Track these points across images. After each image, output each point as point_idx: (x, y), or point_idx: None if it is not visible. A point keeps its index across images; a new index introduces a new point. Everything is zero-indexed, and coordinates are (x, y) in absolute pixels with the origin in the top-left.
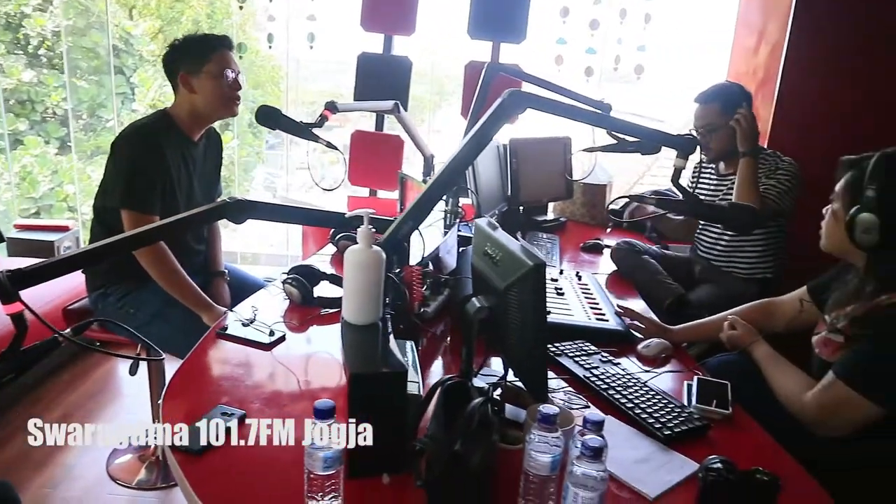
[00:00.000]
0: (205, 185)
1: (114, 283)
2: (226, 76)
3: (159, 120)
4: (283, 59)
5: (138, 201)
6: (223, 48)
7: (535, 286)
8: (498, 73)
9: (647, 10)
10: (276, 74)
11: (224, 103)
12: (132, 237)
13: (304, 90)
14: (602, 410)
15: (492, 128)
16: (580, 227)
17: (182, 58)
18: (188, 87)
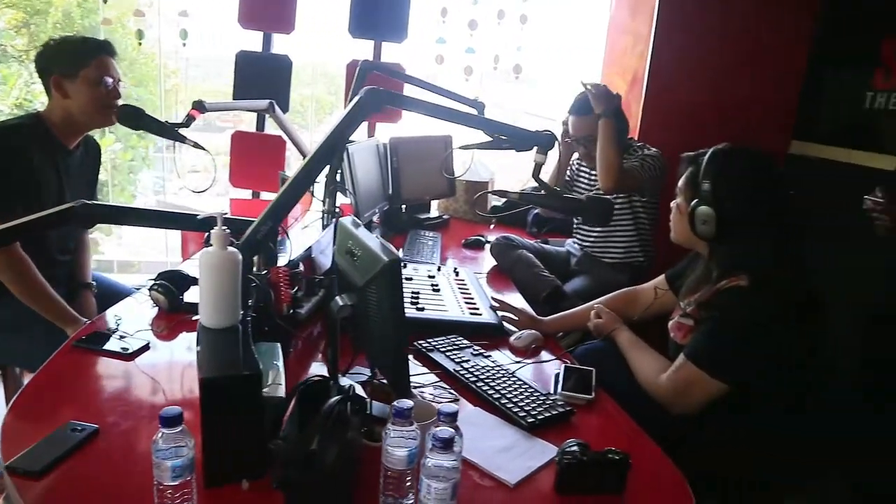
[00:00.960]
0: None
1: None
2: (104, 83)
3: (30, 123)
4: (170, 55)
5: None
6: (103, 53)
7: (391, 282)
8: (372, 70)
9: (524, 10)
10: (162, 71)
11: (100, 111)
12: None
13: (193, 88)
14: (471, 402)
15: (349, 126)
16: (463, 223)
17: (57, 60)
18: (61, 91)
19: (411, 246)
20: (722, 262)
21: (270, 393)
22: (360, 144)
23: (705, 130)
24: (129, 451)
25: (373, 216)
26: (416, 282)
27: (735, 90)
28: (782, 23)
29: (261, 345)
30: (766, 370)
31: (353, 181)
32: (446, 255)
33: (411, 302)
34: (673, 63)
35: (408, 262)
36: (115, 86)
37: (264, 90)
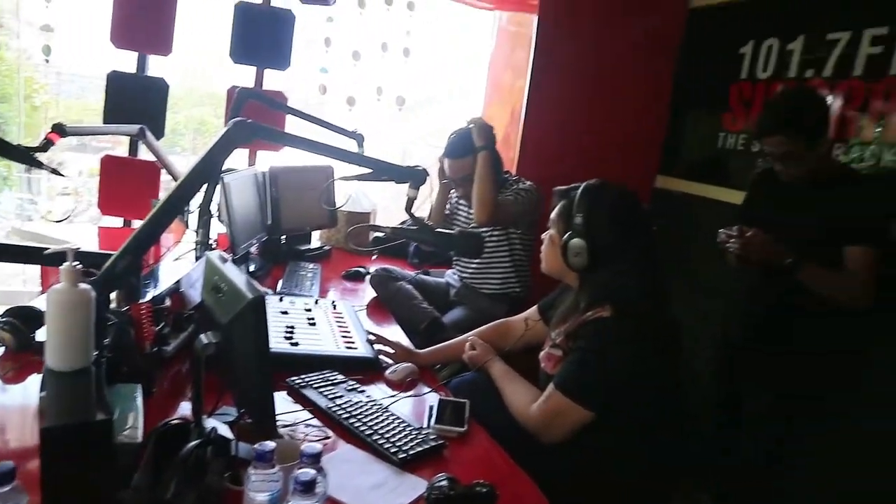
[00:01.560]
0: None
1: None
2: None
3: None
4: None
5: None
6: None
7: (255, 320)
8: (250, 98)
9: (407, 44)
10: (28, 87)
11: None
12: None
13: (68, 105)
14: (344, 439)
15: (217, 158)
16: (345, 254)
17: None
18: None
19: (290, 278)
20: (589, 293)
21: (126, 439)
22: (237, 173)
23: (579, 164)
24: None
25: (250, 247)
26: (291, 315)
27: (607, 127)
28: (649, 66)
29: (119, 387)
30: (630, 397)
31: (230, 211)
32: (326, 286)
33: (285, 337)
34: (550, 100)
35: (284, 295)
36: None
37: (138, 113)
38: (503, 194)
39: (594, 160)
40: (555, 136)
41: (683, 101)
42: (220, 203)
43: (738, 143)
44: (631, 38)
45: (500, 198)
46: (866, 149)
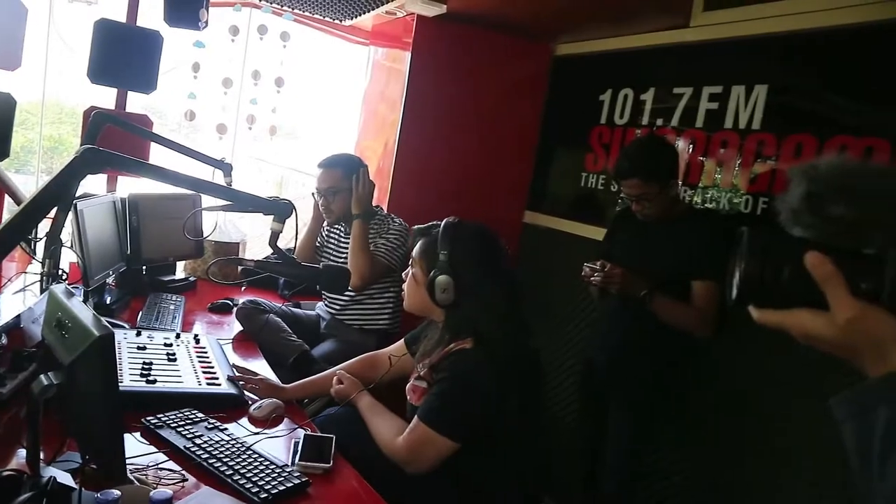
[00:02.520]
0: None
1: None
2: None
3: None
4: None
5: None
6: None
7: (102, 359)
8: (107, 122)
9: (280, 73)
10: None
11: None
12: None
13: None
14: (203, 481)
15: (64, 185)
16: (212, 286)
17: None
18: None
19: (150, 310)
20: (453, 326)
21: None
22: (93, 200)
23: (451, 198)
24: None
25: (106, 278)
26: (149, 351)
27: (478, 163)
28: (517, 108)
29: None
30: (492, 423)
31: (83, 240)
32: (191, 319)
33: (141, 374)
34: (422, 135)
35: (143, 329)
36: None
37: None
38: (372, 239)
39: (466, 194)
40: (426, 169)
41: (549, 141)
42: (72, 231)
43: (598, 182)
44: (500, 80)
45: (373, 248)
46: (708, 191)
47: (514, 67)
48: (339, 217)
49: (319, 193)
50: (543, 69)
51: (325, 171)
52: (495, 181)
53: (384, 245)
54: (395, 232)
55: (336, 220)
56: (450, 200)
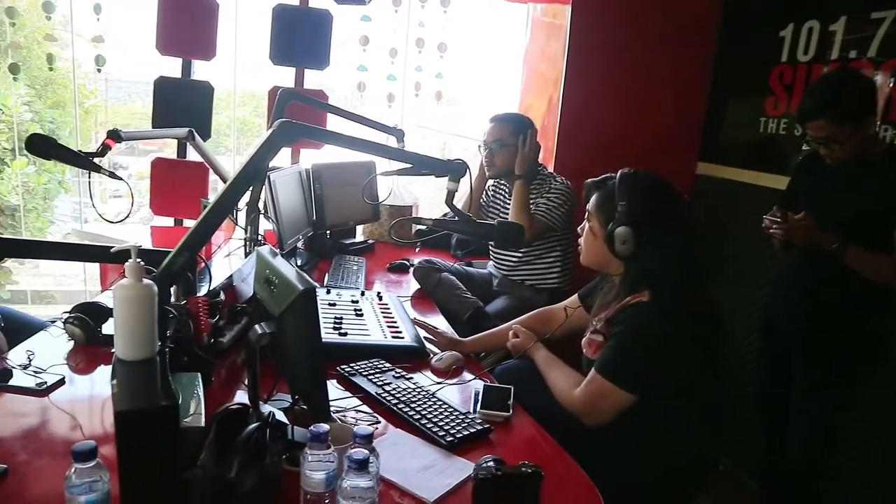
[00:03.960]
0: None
1: None
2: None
3: None
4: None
5: None
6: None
7: (306, 310)
8: (291, 99)
9: (442, 39)
10: (80, 94)
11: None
12: None
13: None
14: (393, 424)
15: (264, 157)
16: (389, 248)
17: None
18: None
19: (336, 271)
20: (630, 279)
21: (190, 423)
22: (282, 171)
23: (617, 154)
24: (42, 491)
25: (297, 242)
26: (339, 307)
27: (645, 115)
28: (686, 52)
29: (181, 375)
30: (670, 378)
31: (276, 208)
32: (371, 279)
33: (334, 327)
34: (586, 90)
35: (331, 288)
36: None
37: (185, 116)
38: (534, 198)
39: (633, 150)
40: (592, 125)
41: (723, 86)
42: (266, 200)
43: (779, 127)
44: (667, 23)
45: (533, 209)
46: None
47: (680, 8)
48: (500, 171)
49: (485, 146)
50: (713, 7)
51: (495, 124)
52: (664, 133)
53: (545, 205)
54: (557, 192)
55: (497, 173)
56: (616, 157)
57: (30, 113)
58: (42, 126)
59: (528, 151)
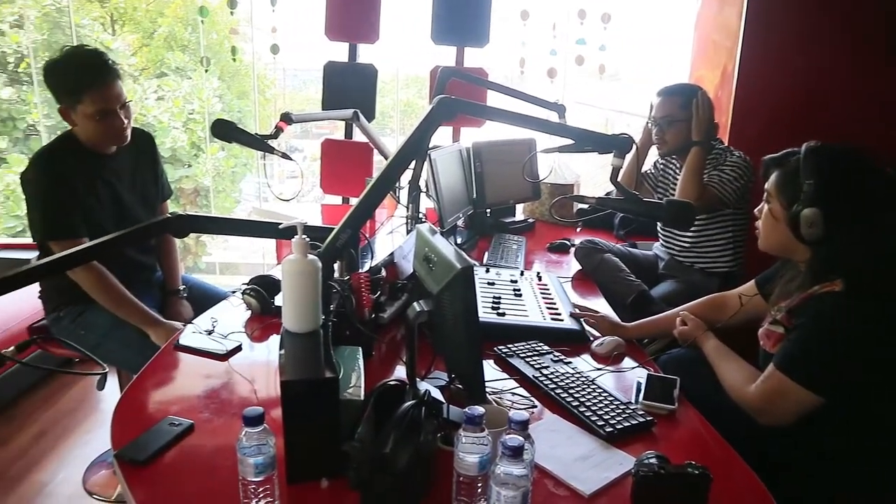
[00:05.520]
0: (141, 192)
1: (64, 305)
2: (103, 115)
3: (63, 143)
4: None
5: (60, 230)
6: (95, 87)
7: (464, 289)
8: (452, 77)
9: (606, 9)
10: (261, 84)
11: (104, 140)
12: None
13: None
14: (550, 409)
15: (425, 134)
16: (549, 227)
17: (56, 91)
18: (69, 120)
19: (495, 250)
20: (818, 266)
21: (350, 396)
22: (443, 150)
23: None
24: (220, 447)
25: (457, 220)
26: (498, 286)
27: (835, 83)
28: (881, 16)
29: (342, 349)
30: (861, 385)
31: (437, 186)
32: (531, 258)
33: (492, 307)
34: (764, 57)
35: (490, 267)
36: (116, 113)
37: (351, 98)
38: (708, 170)
39: (821, 123)
40: (772, 96)
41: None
42: (427, 179)
43: None
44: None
45: (706, 180)
46: None
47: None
48: (672, 148)
49: (654, 122)
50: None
51: (663, 98)
52: (860, 103)
53: (718, 177)
54: (732, 164)
55: (668, 151)
56: (801, 131)
57: (220, 103)
58: (230, 115)
59: (702, 114)
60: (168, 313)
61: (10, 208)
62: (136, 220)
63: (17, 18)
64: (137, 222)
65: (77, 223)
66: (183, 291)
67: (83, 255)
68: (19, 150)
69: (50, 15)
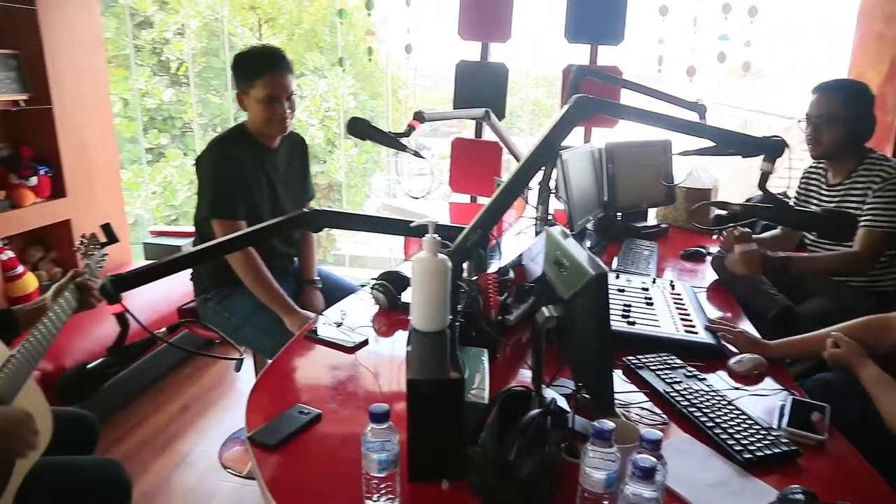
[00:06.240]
0: (291, 189)
1: (212, 288)
2: (269, 102)
3: (236, 132)
4: (400, 68)
5: (224, 210)
6: (269, 72)
7: (596, 296)
8: (586, 75)
9: (753, 2)
10: (394, 84)
11: (268, 126)
12: (218, 245)
13: (422, 97)
14: (681, 428)
15: (559, 134)
16: (683, 233)
17: (236, 77)
18: (242, 105)
19: (625, 255)
20: None
21: (474, 398)
22: (574, 150)
23: None
24: (345, 438)
25: (586, 223)
26: (628, 294)
27: None
28: None
29: (468, 349)
30: None
31: (567, 188)
32: (663, 266)
33: (622, 315)
34: None
35: (620, 273)
36: (283, 101)
37: (482, 97)
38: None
39: None
40: None
41: None
42: (558, 180)
43: None
44: None
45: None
46: None
47: None
48: (828, 150)
49: (809, 121)
50: None
51: (820, 95)
52: None
53: (881, 208)
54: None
55: (823, 153)
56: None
57: (354, 102)
58: (364, 113)
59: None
60: (301, 302)
61: (167, 198)
62: (285, 213)
63: (180, 28)
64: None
65: (239, 207)
66: (317, 282)
67: (241, 240)
68: (176, 146)
69: (209, 24)
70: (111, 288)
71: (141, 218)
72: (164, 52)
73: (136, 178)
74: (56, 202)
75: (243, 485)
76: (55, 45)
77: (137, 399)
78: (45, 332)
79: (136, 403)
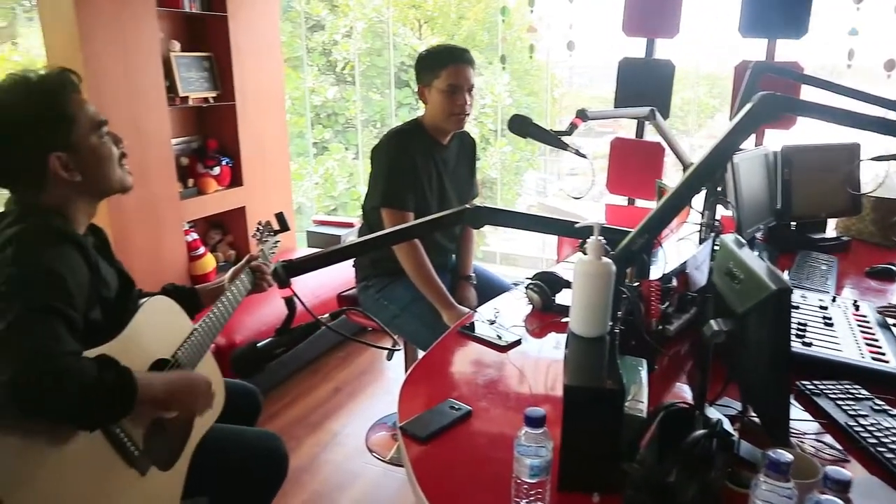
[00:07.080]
0: (457, 185)
1: (373, 276)
2: (451, 92)
3: (411, 126)
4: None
5: (395, 199)
6: (455, 63)
7: (777, 314)
8: (765, 72)
9: None
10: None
11: (446, 118)
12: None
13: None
14: (867, 468)
15: (740, 135)
16: (869, 248)
17: (419, 71)
18: (423, 98)
19: (800, 269)
20: None
21: (631, 410)
22: (746, 154)
23: None
24: (495, 438)
25: (756, 232)
26: (803, 311)
27: None
28: None
29: (626, 358)
30: None
31: (737, 193)
32: (843, 283)
33: (796, 334)
34: None
35: (795, 288)
36: (463, 94)
37: (645, 96)
38: None
39: None
40: None
41: None
42: (727, 184)
43: None
44: None
45: None
46: None
47: None
48: None
49: None
50: None
51: None
52: None
53: None
54: None
55: None
56: None
57: (510, 99)
58: (520, 111)
59: None
60: (455, 297)
61: (327, 189)
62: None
63: (348, 30)
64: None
65: (409, 198)
66: (472, 279)
67: (410, 231)
68: (338, 141)
69: (374, 26)
70: (283, 273)
71: (303, 206)
72: (333, 53)
73: (302, 169)
74: (234, 190)
75: (387, 470)
76: (241, 48)
77: (294, 377)
78: (223, 309)
79: (293, 382)
